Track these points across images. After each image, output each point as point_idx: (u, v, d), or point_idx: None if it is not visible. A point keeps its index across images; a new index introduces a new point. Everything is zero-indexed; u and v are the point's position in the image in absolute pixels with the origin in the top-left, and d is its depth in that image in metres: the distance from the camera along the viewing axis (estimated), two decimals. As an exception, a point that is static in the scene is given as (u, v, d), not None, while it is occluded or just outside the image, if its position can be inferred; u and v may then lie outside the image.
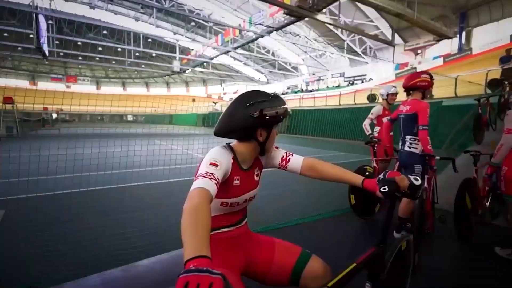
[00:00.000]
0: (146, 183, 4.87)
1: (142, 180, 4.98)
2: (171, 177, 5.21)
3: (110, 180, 4.79)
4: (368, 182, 1.00)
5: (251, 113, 0.96)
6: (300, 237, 2.57)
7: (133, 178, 4.97)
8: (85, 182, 4.22)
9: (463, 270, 2.23)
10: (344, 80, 30.61)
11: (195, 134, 16.56)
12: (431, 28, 16.85)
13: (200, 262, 0.52)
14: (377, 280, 0.99)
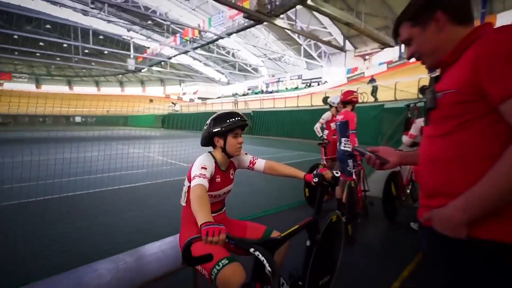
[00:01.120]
0: (108, 188, 4.67)
1: (97, 187, 4.75)
2: (135, 182, 5.06)
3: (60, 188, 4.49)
4: (307, 176, 1.49)
5: (207, 128, 1.46)
6: (274, 221, 3.15)
7: (89, 185, 4.72)
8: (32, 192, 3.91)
9: (389, 240, 3.02)
10: (302, 82, 32.04)
11: (155, 137, 15.95)
12: (376, 37, 18.58)
13: (208, 223, 0.91)
14: (314, 239, 1.41)
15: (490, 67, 0.66)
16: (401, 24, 0.87)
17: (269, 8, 15.64)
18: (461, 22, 0.78)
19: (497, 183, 0.64)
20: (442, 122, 0.79)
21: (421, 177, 0.87)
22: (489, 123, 0.70)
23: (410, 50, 0.88)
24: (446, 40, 0.79)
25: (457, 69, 0.75)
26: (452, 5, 0.78)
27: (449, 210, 0.72)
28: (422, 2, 0.80)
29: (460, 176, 0.74)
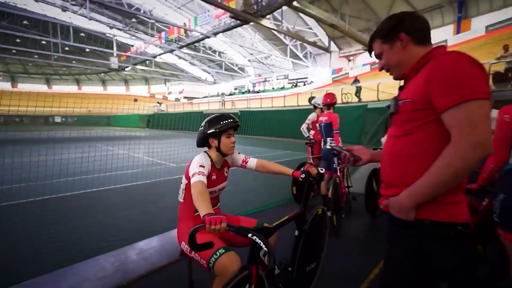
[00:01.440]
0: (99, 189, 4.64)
1: (84, 188, 4.71)
2: (125, 182, 5.04)
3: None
4: (295, 172, 1.65)
5: (202, 130, 1.58)
6: (263, 218, 3.18)
7: (72, 187, 4.67)
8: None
9: (370, 232, 3.26)
10: (288, 82, 32.41)
11: (140, 137, 15.71)
12: (359, 38, 19.14)
13: (211, 214, 1.05)
14: (302, 229, 1.59)
15: (437, 84, 0.83)
16: (373, 41, 1.05)
17: (255, 8, 15.78)
18: (420, 43, 0.96)
19: (434, 177, 0.82)
20: (402, 125, 0.95)
21: (383, 171, 1.05)
22: (436, 127, 0.87)
23: (381, 63, 1.06)
24: (408, 57, 0.96)
25: (415, 83, 0.92)
26: (414, 28, 0.95)
27: (401, 198, 0.90)
28: (391, 25, 0.98)
29: (413, 170, 0.90)
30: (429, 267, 0.89)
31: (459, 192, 0.89)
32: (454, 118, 0.80)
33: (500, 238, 1.68)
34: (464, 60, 0.82)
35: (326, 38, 25.74)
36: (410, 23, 0.96)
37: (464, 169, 0.79)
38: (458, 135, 0.79)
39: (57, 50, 24.91)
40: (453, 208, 0.88)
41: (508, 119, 1.60)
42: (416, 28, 0.95)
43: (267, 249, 0.97)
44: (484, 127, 0.77)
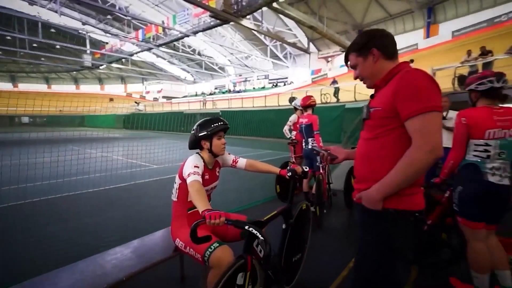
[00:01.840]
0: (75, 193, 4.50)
1: (60, 191, 4.56)
2: (104, 185, 4.92)
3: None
4: (282, 171, 1.79)
5: (194, 133, 1.66)
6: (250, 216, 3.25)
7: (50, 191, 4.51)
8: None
9: (349, 225, 3.47)
10: (269, 82, 32.70)
11: (118, 138, 15.21)
12: (337, 40, 19.74)
13: (208, 210, 1.13)
14: (288, 223, 1.72)
15: (402, 97, 1.00)
16: (349, 54, 1.20)
17: (235, 8, 15.80)
18: (389, 58, 1.12)
19: (399, 175, 1.00)
20: (372, 129, 1.12)
21: (356, 168, 1.21)
22: (400, 133, 1.03)
23: (356, 73, 1.22)
24: (379, 69, 1.13)
25: (384, 93, 1.08)
26: (384, 45, 1.12)
27: (371, 192, 1.06)
28: (364, 40, 1.14)
29: (381, 167, 1.07)
30: (393, 247, 1.07)
31: (416, 186, 1.07)
32: (415, 125, 0.97)
33: (460, 225, 1.91)
34: (423, 78, 0.99)
35: (305, 40, 26.27)
36: (380, 40, 1.11)
37: (422, 168, 0.97)
38: (418, 140, 0.97)
39: (24, 46, 23.42)
40: (412, 198, 1.06)
41: (465, 121, 1.81)
42: (385, 45, 1.11)
43: (263, 238, 1.09)
44: (438, 134, 0.96)
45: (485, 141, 1.76)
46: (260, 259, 1.38)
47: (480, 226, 1.80)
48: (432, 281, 2.15)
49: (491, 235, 1.87)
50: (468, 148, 1.84)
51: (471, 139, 1.81)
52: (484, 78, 1.82)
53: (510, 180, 1.77)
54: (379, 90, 1.15)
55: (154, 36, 24.58)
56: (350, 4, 22.40)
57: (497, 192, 1.74)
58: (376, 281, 1.10)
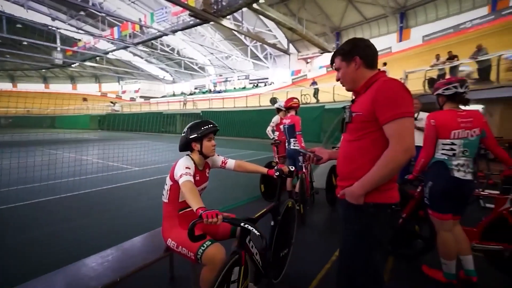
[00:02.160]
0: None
1: (40, 196, 4.35)
2: (81, 189, 4.74)
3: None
4: (270, 171, 1.87)
5: (185, 135, 1.70)
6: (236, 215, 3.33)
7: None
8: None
9: (330, 220, 3.63)
10: (249, 82, 32.79)
11: (94, 140, 14.61)
12: (316, 42, 20.23)
13: (202, 208, 1.20)
14: (276, 220, 1.82)
15: (380, 104, 1.13)
16: (335, 57, 1.32)
17: (215, 8, 15.71)
18: (369, 66, 1.24)
19: (378, 173, 1.12)
20: (354, 132, 1.24)
21: (339, 167, 1.34)
22: (379, 135, 1.16)
23: (338, 75, 1.34)
24: (360, 76, 1.25)
25: (364, 99, 1.20)
26: (366, 55, 1.23)
27: (354, 188, 1.18)
28: (349, 48, 1.25)
29: (361, 166, 1.19)
30: (374, 237, 1.20)
31: (392, 181, 1.20)
32: (392, 129, 1.10)
33: (430, 217, 2.10)
34: (398, 87, 1.13)
35: (285, 41, 26.57)
36: (363, 50, 1.23)
37: (398, 166, 1.10)
38: (394, 142, 1.10)
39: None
40: (388, 193, 1.19)
41: (434, 123, 2.00)
42: (367, 55, 1.23)
43: (259, 233, 1.17)
44: (411, 137, 1.10)
45: (451, 140, 1.95)
46: (251, 255, 1.45)
47: (448, 218, 1.99)
48: (406, 270, 2.33)
49: (457, 225, 2.07)
50: (436, 147, 2.03)
51: (439, 139, 2.00)
52: (450, 84, 2.01)
53: (473, 176, 1.97)
54: (359, 96, 1.27)
55: (131, 34, 23.78)
56: (328, 8, 23.07)
57: (462, 186, 1.94)
58: (359, 270, 1.22)
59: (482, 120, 1.99)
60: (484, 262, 2.16)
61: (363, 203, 1.17)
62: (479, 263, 2.07)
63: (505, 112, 8.92)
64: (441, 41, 18.52)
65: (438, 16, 20.88)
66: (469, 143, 1.95)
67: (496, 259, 2.13)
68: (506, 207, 2.10)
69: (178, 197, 1.65)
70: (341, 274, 1.30)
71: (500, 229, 2.10)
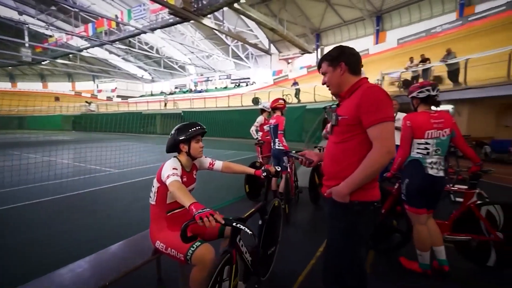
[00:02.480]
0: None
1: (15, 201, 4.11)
2: (58, 193, 4.52)
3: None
4: (257, 171, 1.90)
5: (172, 137, 1.70)
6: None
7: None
8: None
9: (314, 218, 3.76)
10: (231, 82, 32.65)
11: (69, 141, 13.93)
12: (297, 43, 20.52)
13: (195, 204, 1.23)
14: (264, 219, 1.86)
15: (364, 109, 1.21)
16: (323, 61, 1.39)
17: (195, 6, 15.51)
18: (353, 73, 1.32)
19: (362, 173, 1.20)
20: (340, 134, 1.32)
21: (325, 167, 1.41)
22: (363, 138, 1.25)
23: (324, 79, 1.41)
24: (344, 81, 1.32)
25: (349, 103, 1.28)
26: (351, 61, 1.31)
27: (340, 187, 1.26)
28: (336, 54, 1.33)
29: (347, 167, 1.27)
30: (358, 232, 1.29)
31: (374, 180, 1.29)
32: (375, 133, 1.19)
33: (406, 212, 2.24)
34: (380, 92, 1.21)
35: (266, 41, 26.71)
36: (348, 57, 1.31)
37: (381, 167, 1.20)
38: (377, 144, 1.19)
39: None
40: (371, 191, 1.28)
41: (409, 124, 2.14)
42: (352, 61, 1.32)
43: (251, 232, 1.20)
44: (392, 140, 1.20)
45: (425, 140, 2.10)
46: (241, 253, 1.49)
47: (422, 212, 2.13)
48: (385, 263, 2.46)
49: (430, 218, 2.22)
50: (412, 147, 2.17)
51: (414, 138, 2.14)
52: (423, 87, 2.16)
53: (444, 172, 2.13)
54: (344, 100, 1.35)
55: (107, 31, 22.85)
56: (308, 9, 23.49)
57: (435, 183, 2.09)
58: (345, 264, 1.30)
59: (452, 121, 2.16)
60: (455, 252, 2.33)
61: (349, 201, 1.25)
62: (450, 254, 2.23)
63: (472, 111, 9.58)
64: (414, 44, 19.45)
65: (411, 20, 21.91)
66: (441, 143, 2.10)
67: (465, 249, 2.31)
68: (473, 200, 2.28)
69: (166, 199, 1.64)
70: (327, 269, 1.37)
71: (468, 221, 2.28)
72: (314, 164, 1.50)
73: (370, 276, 1.73)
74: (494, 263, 2.21)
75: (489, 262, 2.23)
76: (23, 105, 31.19)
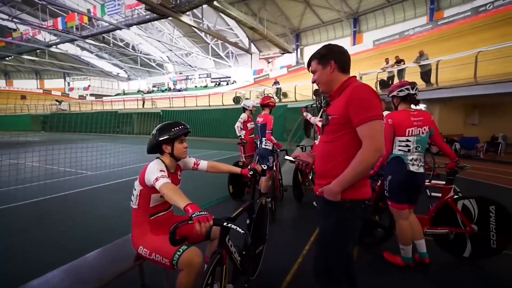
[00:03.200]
0: None
1: None
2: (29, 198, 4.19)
3: None
4: (243, 170, 1.88)
5: (154, 137, 1.61)
6: None
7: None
8: None
9: (299, 215, 3.79)
10: (211, 81, 32.26)
11: (38, 142, 13.05)
12: (277, 42, 20.68)
13: (191, 206, 1.17)
14: (252, 217, 1.84)
15: (353, 107, 1.21)
16: (312, 60, 1.37)
17: (173, 3, 15.12)
18: (343, 71, 1.32)
19: (353, 171, 1.20)
20: (330, 133, 1.32)
21: (316, 166, 1.41)
22: (353, 136, 1.24)
23: (314, 77, 1.40)
24: (334, 79, 1.32)
25: (339, 103, 1.28)
26: (340, 60, 1.31)
27: (331, 186, 1.25)
28: (325, 52, 1.32)
29: (338, 165, 1.27)
30: (349, 229, 1.31)
31: (364, 178, 1.30)
32: (364, 131, 1.19)
33: (389, 208, 2.30)
34: (368, 91, 1.22)
35: (246, 40, 26.78)
36: (338, 55, 1.31)
37: (371, 164, 1.20)
38: (366, 143, 1.18)
39: None
40: (362, 189, 1.28)
41: (391, 122, 2.20)
42: (341, 60, 1.31)
43: (243, 231, 1.16)
44: (381, 138, 1.20)
45: (406, 137, 2.16)
46: (231, 253, 1.45)
47: (404, 207, 2.20)
48: (370, 257, 2.51)
49: (411, 213, 2.30)
50: (394, 144, 2.23)
51: (396, 136, 2.20)
52: (403, 86, 2.23)
53: (423, 169, 2.20)
54: (334, 99, 1.34)
55: (78, 26, 21.68)
56: (288, 9, 23.75)
57: (416, 179, 2.16)
58: (335, 259, 1.32)
59: (430, 119, 2.24)
60: (434, 245, 2.43)
61: (341, 199, 1.25)
62: (430, 246, 2.32)
63: (442, 110, 10.15)
64: (389, 46, 20.28)
65: (386, 23, 22.83)
66: (421, 140, 2.17)
67: (443, 241, 2.42)
68: (451, 195, 2.39)
69: (149, 202, 1.56)
70: (319, 266, 1.36)
71: (446, 215, 2.39)
72: (311, 165, 1.47)
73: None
74: (470, 254, 2.33)
75: (465, 253, 2.35)
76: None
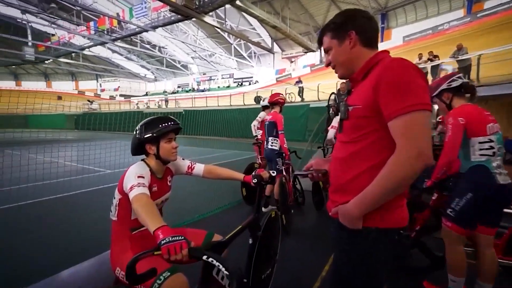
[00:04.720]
0: None
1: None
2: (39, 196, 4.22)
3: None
4: (246, 177, 1.52)
5: (136, 135, 1.36)
6: (213, 224, 3.20)
7: None
8: None
9: (318, 227, 3.34)
10: (234, 81, 32.33)
11: (70, 140, 13.69)
12: (300, 41, 20.18)
13: (164, 229, 0.89)
14: (256, 236, 1.46)
15: (385, 91, 0.81)
16: (324, 34, 0.99)
17: (197, 4, 15.21)
18: (367, 45, 0.94)
19: (380, 187, 0.81)
20: (350, 131, 0.93)
21: (332, 174, 1.02)
22: (381, 136, 0.86)
23: (328, 58, 1.01)
24: (355, 57, 0.94)
25: (363, 88, 0.89)
26: (363, 29, 0.93)
27: (349, 208, 0.88)
28: (341, 21, 0.94)
29: (360, 176, 0.89)
30: (373, 268, 0.91)
31: (400, 197, 0.90)
32: (400, 127, 0.80)
33: (445, 231, 1.73)
34: (409, 68, 0.82)
35: (269, 39, 26.39)
36: (360, 23, 0.93)
37: (408, 177, 0.79)
38: (402, 145, 0.79)
39: None
40: (396, 213, 0.89)
41: (463, 121, 1.63)
42: (365, 29, 0.93)
43: (227, 273, 0.82)
44: (427, 138, 0.79)
45: (488, 137, 1.62)
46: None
47: (467, 230, 1.69)
48: (401, 283, 2.08)
49: (490, 242, 1.71)
50: (471, 148, 1.66)
51: (474, 137, 1.64)
52: (453, 76, 1.78)
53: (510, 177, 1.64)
54: (356, 85, 0.97)
55: (108, 29, 22.70)
56: (312, 7, 23.05)
57: (507, 193, 1.62)
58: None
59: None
60: (502, 279, 1.85)
61: (362, 227, 0.88)
62: (497, 280, 1.74)
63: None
64: (420, 42, 18.93)
65: (417, 18, 21.39)
66: (499, 138, 1.64)
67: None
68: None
69: (130, 214, 1.29)
70: None
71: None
72: (329, 174, 1.09)
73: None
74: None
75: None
76: (26, 104, 31.16)
